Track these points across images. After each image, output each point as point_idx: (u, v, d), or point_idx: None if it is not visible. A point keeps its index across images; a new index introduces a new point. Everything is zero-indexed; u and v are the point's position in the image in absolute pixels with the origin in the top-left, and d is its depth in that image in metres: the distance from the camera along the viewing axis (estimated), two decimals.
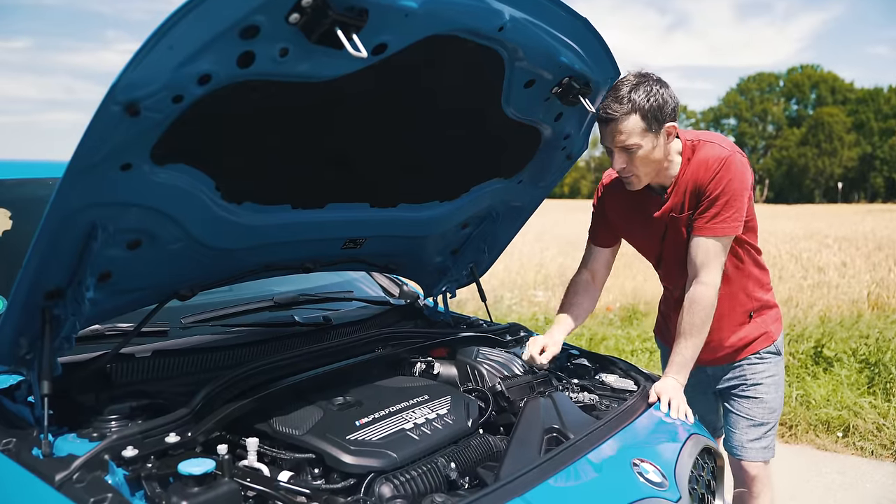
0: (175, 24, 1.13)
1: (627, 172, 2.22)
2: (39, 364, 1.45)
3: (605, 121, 2.14)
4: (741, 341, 2.51)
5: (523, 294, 9.15)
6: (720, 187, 2.21)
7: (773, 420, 2.53)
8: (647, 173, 2.24)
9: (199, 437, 1.48)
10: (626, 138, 2.13)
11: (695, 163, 2.26)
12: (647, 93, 2.10)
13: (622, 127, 2.11)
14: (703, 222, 2.25)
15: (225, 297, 2.42)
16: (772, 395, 2.52)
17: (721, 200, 2.21)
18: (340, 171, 1.88)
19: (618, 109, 2.09)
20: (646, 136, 2.14)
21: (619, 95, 2.10)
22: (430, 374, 2.15)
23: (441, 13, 1.47)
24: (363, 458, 1.50)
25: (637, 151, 2.15)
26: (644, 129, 2.12)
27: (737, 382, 2.56)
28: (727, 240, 2.27)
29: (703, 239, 2.25)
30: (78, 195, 1.31)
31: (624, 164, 2.19)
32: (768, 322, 2.55)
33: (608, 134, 2.16)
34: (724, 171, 2.21)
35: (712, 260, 2.25)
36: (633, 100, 2.09)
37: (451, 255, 2.65)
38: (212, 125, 1.43)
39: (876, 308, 7.67)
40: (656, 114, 2.12)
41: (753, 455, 2.50)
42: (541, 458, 1.62)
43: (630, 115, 2.10)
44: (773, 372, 2.53)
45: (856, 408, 4.81)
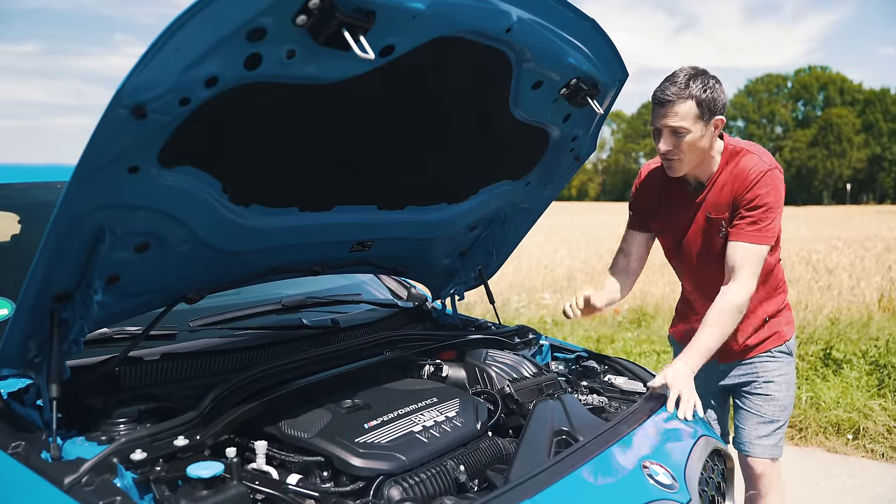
0: (181, 27, 1.13)
1: (672, 156, 2.32)
2: (48, 367, 1.45)
3: (661, 103, 2.26)
4: (753, 340, 2.56)
5: (531, 297, 9.13)
6: (758, 198, 2.32)
7: (784, 418, 2.56)
8: (689, 160, 2.33)
9: (208, 441, 1.48)
10: (678, 121, 2.24)
11: (736, 169, 2.36)
12: (704, 84, 2.23)
13: (677, 109, 2.23)
14: (740, 229, 2.34)
15: (233, 300, 2.42)
16: (783, 393, 2.56)
17: (758, 210, 2.32)
18: (348, 174, 1.87)
19: (676, 93, 2.23)
20: (696, 123, 2.25)
21: (677, 81, 2.24)
22: (439, 377, 2.14)
23: (448, 14, 1.47)
24: (372, 461, 1.49)
25: (685, 136, 2.25)
26: (697, 115, 2.24)
27: (748, 379, 2.60)
28: (762, 249, 2.34)
29: (740, 244, 2.34)
30: (85, 198, 1.31)
31: (670, 146, 2.29)
32: (781, 323, 2.61)
33: (661, 115, 2.27)
34: (763, 183, 2.32)
35: (747, 265, 2.32)
36: (690, 87, 2.22)
37: (459, 257, 2.64)
38: (219, 127, 1.43)
39: (886, 310, 7.63)
40: (710, 104, 2.24)
41: (761, 451, 2.52)
42: (550, 460, 1.61)
43: (686, 101, 2.22)
44: (784, 371, 2.58)
45: (866, 410, 4.78)
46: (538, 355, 2.54)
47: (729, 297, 2.32)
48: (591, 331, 7.38)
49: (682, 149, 2.28)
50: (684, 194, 2.49)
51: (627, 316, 8.08)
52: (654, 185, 2.61)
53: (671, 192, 2.53)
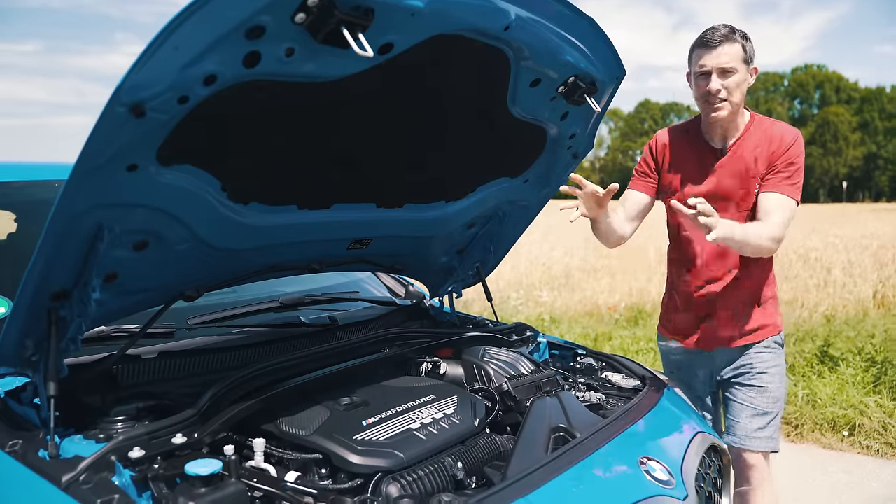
0: (180, 25, 1.13)
1: (723, 96, 2.44)
2: (45, 366, 1.45)
3: (711, 45, 2.41)
4: (752, 327, 2.61)
5: (529, 294, 9.14)
6: (795, 156, 2.48)
7: (777, 410, 2.59)
8: (735, 102, 2.46)
9: (206, 438, 1.48)
10: (728, 60, 2.40)
11: (770, 132, 2.52)
12: (743, 34, 2.44)
13: (727, 50, 2.40)
14: (777, 182, 2.47)
15: (231, 298, 2.42)
16: (776, 384, 2.60)
17: (793, 168, 2.48)
18: (346, 172, 1.88)
19: (725, 35, 2.40)
20: (742, 66, 2.43)
21: (720, 29, 2.42)
22: (437, 374, 2.14)
23: (447, 12, 1.47)
24: (370, 458, 1.49)
25: (734, 76, 2.42)
26: (743, 58, 2.43)
27: (742, 371, 2.63)
28: (794, 203, 2.49)
29: (775, 194, 2.48)
30: (84, 196, 1.31)
31: (720, 86, 2.42)
32: (775, 312, 2.68)
33: (713, 56, 2.42)
34: (800, 143, 2.51)
35: (782, 212, 2.45)
36: (735, 33, 2.42)
37: (457, 254, 2.64)
38: (218, 126, 1.43)
39: (882, 307, 7.66)
40: (751, 51, 2.46)
41: (758, 444, 2.55)
42: (547, 457, 1.61)
43: (735, 43, 2.41)
44: (777, 362, 2.63)
45: (861, 406, 4.80)
46: (536, 352, 2.55)
47: (766, 226, 2.42)
48: (589, 328, 7.39)
49: (731, 89, 2.42)
50: (709, 153, 2.59)
51: (624, 314, 8.10)
52: (674, 146, 2.69)
53: (694, 151, 2.62)
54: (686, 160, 2.65)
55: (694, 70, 2.50)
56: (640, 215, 2.78)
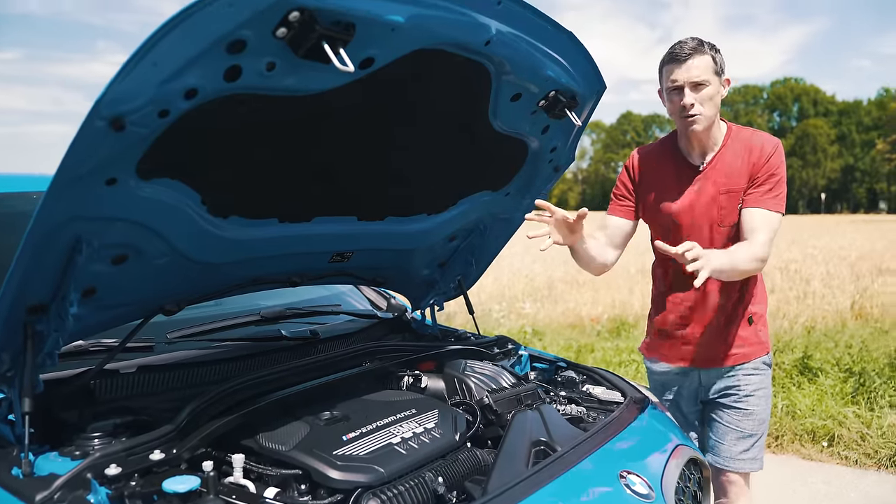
0: (161, 39, 1.13)
1: (695, 110, 2.38)
2: (21, 381, 1.43)
3: (681, 59, 2.35)
4: (740, 345, 2.56)
5: (511, 306, 9.15)
6: (775, 167, 2.42)
7: (762, 431, 2.56)
8: (708, 117, 2.40)
9: (185, 454, 1.47)
10: (699, 73, 2.34)
11: (749, 143, 2.47)
12: (712, 45, 2.39)
13: (697, 63, 2.34)
14: (759, 197, 2.42)
15: (211, 312, 2.40)
16: (762, 406, 2.56)
17: (775, 179, 2.42)
18: (327, 185, 1.87)
19: (694, 48, 2.35)
20: (714, 77, 2.38)
21: (689, 42, 2.37)
22: (418, 388, 2.13)
23: (428, 27, 1.47)
24: (350, 474, 1.48)
25: (706, 88, 2.36)
26: (714, 69, 2.37)
27: (729, 392, 2.58)
28: (779, 217, 2.42)
29: (759, 210, 2.41)
30: (62, 209, 1.30)
31: (693, 100, 2.36)
32: (763, 333, 2.61)
33: (682, 71, 2.36)
34: (779, 154, 2.44)
35: (766, 229, 2.38)
36: (704, 45, 2.36)
37: (438, 267, 2.64)
38: (198, 139, 1.43)
39: (860, 318, 7.74)
40: (721, 62, 2.40)
41: (742, 466, 2.52)
42: (528, 471, 1.61)
43: (705, 55, 2.36)
44: (764, 384, 2.58)
45: (840, 417, 4.83)
46: (517, 365, 2.55)
47: (752, 248, 2.35)
48: (572, 340, 7.41)
49: (704, 102, 2.36)
50: (687, 170, 2.53)
51: (606, 325, 8.13)
52: (651, 166, 2.62)
53: (672, 169, 2.55)
54: (664, 178, 2.57)
55: (666, 86, 2.43)
56: (622, 241, 2.69)
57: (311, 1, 1.22)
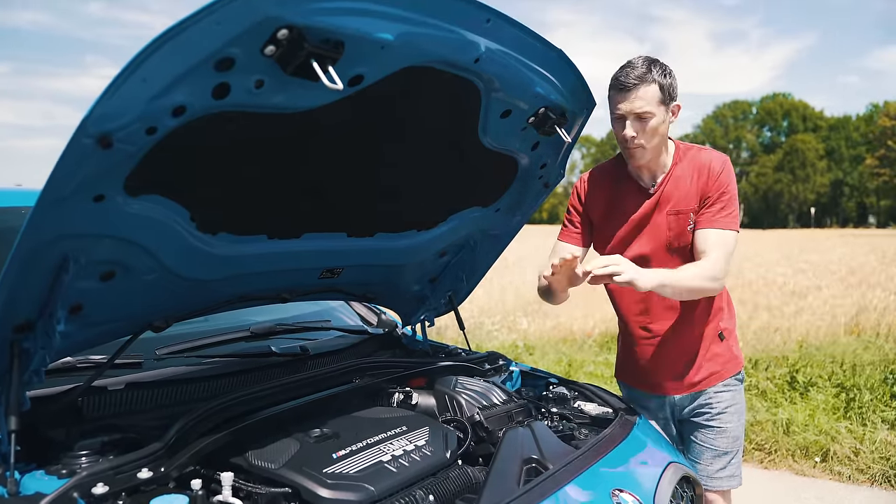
0: (149, 57, 1.13)
1: (637, 142, 2.29)
2: (7, 399, 1.41)
3: (624, 88, 2.23)
4: (707, 368, 2.50)
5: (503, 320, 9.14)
6: (725, 185, 2.35)
7: (737, 448, 2.53)
8: (653, 147, 2.32)
9: (173, 472, 1.46)
10: (643, 105, 2.22)
11: (696, 162, 2.39)
12: (663, 70, 2.25)
13: (641, 94, 2.22)
14: (711, 217, 2.34)
15: (200, 328, 2.38)
16: (734, 423, 2.52)
17: (726, 197, 2.35)
18: (317, 201, 1.87)
19: (639, 77, 2.22)
20: (660, 108, 2.25)
21: (637, 66, 2.24)
22: (409, 405, 2.13)
23: (417, 45, 1.48)
24: (340, 492, 1.47)
25: (650, 121, 2.25)
26: (660, 100, 2.24)
27: (701, 412, 2.54)
28: (733, 235, 2.35)
29: (713, 230, 2.34)
30: (49, 227, 1.29)
31: (635, 132, 2.26)
32: (734, 348, 2.57)
33: (626, 101, 2.24)
34: (728, 170, 2.38)
35: (721, 249, 2.31)
36: (652, 72, 2.23)
37: (429, 283, 2.64)
38: (186, 156, 1.42)
39: (852, 333, 7.76)
40: (670, 89, 2.27)
41: (720, 484, 2.49)
42: (519, 489, 1.61)
43: (650, 85, 2.22)
44: (736, 400, 2.54)
45: (833, 433, 4.84)
46: (508, 382, 2.54)
47: (704, 263, 2.28)
48: (563, 354, 7.40)
49: (647, 134, 2.26)
50: (637, 193, 2.45)
51: (598, 340, 8.12)
52: (602, 190, 2.53)
53: (623, 193, 2.48)
54: (613, 201, 2.50)
55: (610, 112, 2.32)
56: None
57: (300, 19, 1.22)
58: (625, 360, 2.73)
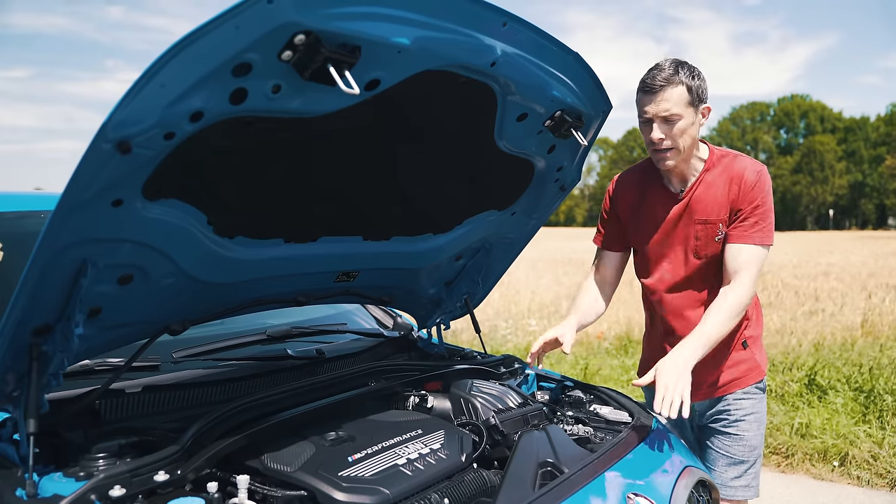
0: (167, 63, 1.14)
1: (666, 145, 2.25)
2: (25, 402, 1.42)
3: (652, 90, 2.19)
4: (728, 374, 2.49)
5: (518, 323, 9.12)
6: (760, 197, 2.28)
7: (754, 458, 2.49)
8: (683, 147, 2.26)
9: (189, 475, 1.46)
10: (670, 107, 2.19)
11: (731, 170, 2.33)
12: (691, 71, 2.21)
13: (668, 95, 2.18)
14: (744, 231, 2.29)
15: (217, 331, 2.40)
16: (752, 432, 2.49)
17: (760, 210, 2.28)
18: (333, 205, 1.88)
19: (666, 79, 2.18)
20: (688, 109, 2.21)
21: (665, 68, 2.20)
22: (424, 408, 2.12)
23: (434, 49, 1.48)
24: (355, 495, 1.47)
25: (678, 122, 2.21)
26: (688, 101, 2.20)
27: (719, 418, 2.53)
28: (764, 251, 2.30)
29: (746, 246, 2.28)
30: (68, 231, 1.30)
31: (663, 134, 2.23)
32: (757, 356, 2.53)
33: (652, 103, 2.21)
34: (763, 181, 2.30)
35: (751, 267, 2.28)
36: (679, 74, 2.18)
37: (444, 286, 2.64)
38: (204, 161, 1.43)
39: (869, 335, 7.68)
40: (698, 91, 2.22)
41: (734, 493, 2.46)
42: (535, 493, 1.60)
43: (677, 86, 2.18)
44: (756, 409, 2.51)
45: (851, 436, 4.79)
46: (524, 385, 2.53)
47: (732, 296, 2.25)
48: (578, 358, 7.38)
49: (675, 136, 2.22)
50: (667, 198, 2.42)
51: (613, 343, 8.09)
52: (631, 193, 2.52)
53: (652, 197, 2.46)
54: (641, 205, 2.48)
55: (638, 115, 2.30)
56: (615, 277, 2.64)
57: (317, 24, 1.23)
58: (648, 359, 2.70)
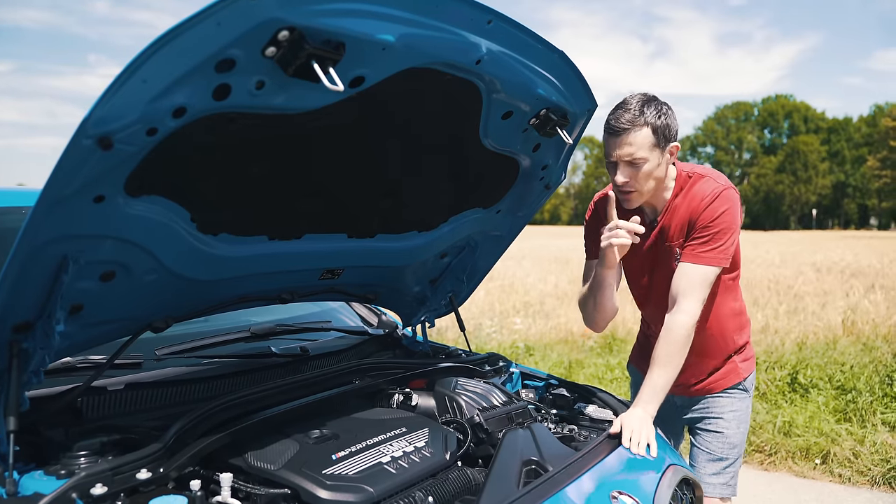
0: (149, 58, 1.13)
1: (629, 187, 2.22)
2: (6, 399, 1.41)
3: (616, 132, 2.15)
4: (716, 375, 2.52)
5: (503, 322, 9.13)
6: (713, 217, 2.23)
7: (733, 456, 2.50)
8: (647, 190, 2.24)
9: (172, 473, 1.46)
10: (634, 151, 2.14)
11: (690, 193, 2.29)
12: (658, 110, 2.15)
13: (632, 139, 2.13)
14: (691, 250, 2.25)
15: (200, 328, 2.38)
16: (732, 430, 2.51)
17: (712, 230, 2.23)
18: (318, 202, 1.87)
19: (630, 121, 2.12)
20: (653, 152, 2.16)
21: (631, 108, 2.14)
22: (409, 406, 2.12)
23: (418, 46, 1.48)
24: (339, 494, 1.47)
25: (643, 166, 2.16)
26: (653, 143, 2.15)
27: (700, 415, 2.56)
28: (712, 271, 2.24)
29: (689, 266, 2.24)
30: (49, 227, 1.29)
31: (627, 178, 2.19)
32: (739, 360, 2.55)
33: (617, 146, 2.16)
34: (718, 203, 2.23)
35: (695, 289, 2.22)
36: (645, 114, 2.13)
37: (429, 284, 2.64)
38: (187, 157, 1.42)
39: (851, 334, 7.75)
40: (665, 131, 2.16)
41: (711, 491, 2.47)
42: (519, 491, 1.61)
43: (642, 129, 2.13)
44: (736, 407, 2.52)
45: (833, 435, 4.83)
46: (508, 383, 2.54)
47: (674, 328, 2.20)
48: (563, 356, 7.40)
49: (639, 179, 2.19)
50: (643, 224, 2.33)
51: (598, 341, 8.11)
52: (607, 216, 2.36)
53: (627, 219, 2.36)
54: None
55: (605, 155, 2.25)
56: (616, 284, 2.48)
57: (301, 20, 1.22)
58: (639, 348, 2.77)
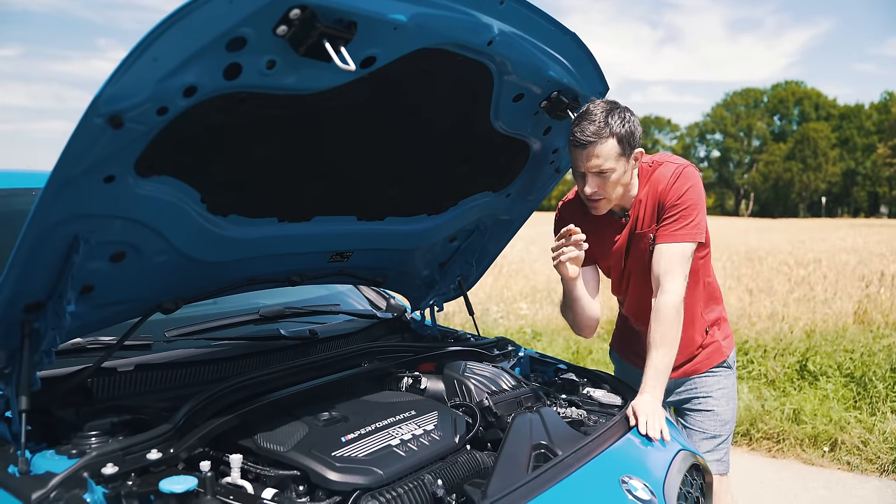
0: (160, 36, 1.12)
1: (598, 196, 2.21)
2: (17, 379, 1.42)
3: (582, 144, 2.11)
4: (698, 357, 2.53)
5: (510, 307, 9.13)
6: (679, 195, 2.25)
7: (726, 433, 2.54)
8: (615, 197, 2.24)
9: (182, 454, 1.46)
10: (602, 162, 2.12)
11: (654, 180, 2.30)
12: (622, 119, 2.11)
13: (599, 151, 2.11)
14: (664, 230, 2.26)
15: (210, 310, 2.39)
16: (723, 407, 2.54)
17: (680, 208, 2.25)
18: (328, 184, 1.86)
19: (596, 132, 2.08)
20: (619, 161, 2.15)
21: (595, 119, 2.09)
22: (417, 389, 2.12)
23: (430, 27, 1.46)
24: (348, 475, 1.47)
25: (611, 176, 2.16)
26: (619, 153, 2.13)
27: (688, 396, 2.58)
28: (689, 248, 2.26)
29: (666, 246, 2.25)
30: (60, 207, 1.29)
31: (596, 187, 2.18)
32: (722, 337, 2.57)
33: (583, 158, 2.14)
34: (681, 181, 2.25)
35: (675, 267, 2.23)
36: (609, 124, 2.09)
37: (438, 268, 2.63)
38: (197, 137, 1.42)
39: (861, 322, 7.72)
40: (629, 139, 2.14)
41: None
42: (528, 475, 1.60)
43: (608, 140, 2.10)
44: (723, 384, 2.55)
45: (842, 422, 4.82)
46: (517, 367, 2.54)
47: (662, 308, 2.21)
48: (571, 342, 7.39)
49: (608, 188, 2.19)
50: (611, 224, 2.41)
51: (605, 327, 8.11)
52: (578, 221, 2.28)
53: (597, 224, 2.39)
54: (596, 232, 2.37)
55: (571, 166, 2.24)
56: (596, 287, 2.51)
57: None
58: (619, 335, 2.79)
